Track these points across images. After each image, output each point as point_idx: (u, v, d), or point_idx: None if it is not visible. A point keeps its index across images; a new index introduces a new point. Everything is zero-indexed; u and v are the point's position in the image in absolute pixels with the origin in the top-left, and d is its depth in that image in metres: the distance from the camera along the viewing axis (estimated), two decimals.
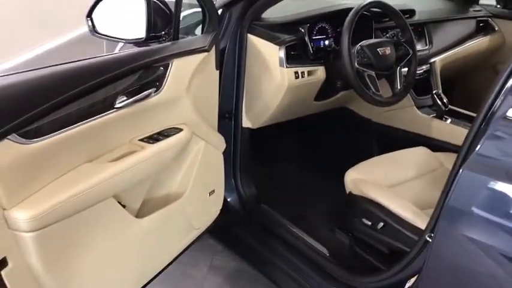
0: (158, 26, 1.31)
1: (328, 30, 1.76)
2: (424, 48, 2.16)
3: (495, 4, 2.65)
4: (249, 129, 1.78)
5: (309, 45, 1.67)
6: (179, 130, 1.29)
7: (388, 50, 1.66)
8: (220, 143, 1.57)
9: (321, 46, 1.73)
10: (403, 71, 1.75)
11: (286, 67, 1.59)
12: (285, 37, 1.62)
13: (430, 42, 2.20)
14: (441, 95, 1.97)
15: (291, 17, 1.74)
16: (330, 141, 2.32)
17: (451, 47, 2.29)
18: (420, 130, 2.01)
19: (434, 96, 1.95)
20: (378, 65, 1.63)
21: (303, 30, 1.68)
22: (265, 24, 1.66)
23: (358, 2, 1.62)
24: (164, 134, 1.27)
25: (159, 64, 1.22)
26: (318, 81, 1.72)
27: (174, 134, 1.27)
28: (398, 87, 1.73)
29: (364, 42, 1.63)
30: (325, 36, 1.75)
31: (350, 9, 1.60)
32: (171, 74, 1.24)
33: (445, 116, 1.97)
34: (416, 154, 1.74)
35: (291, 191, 2.08)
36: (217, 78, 1.50)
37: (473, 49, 2.42)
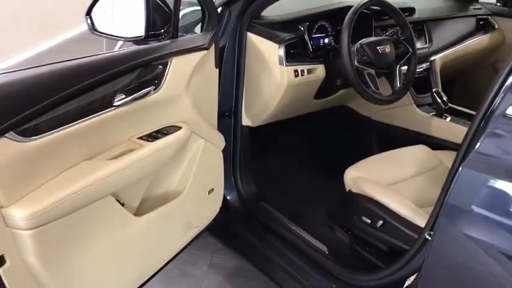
0: (157, 24, 1.30)
1: (328, 29, 1.76)
2: (423, 46, 2.16)
3: (495, 2, 2.65)
4: (249, 128, 1.78)
5: (309, 43, 1.67)
6: (178, 128, 1.29)
7: (387, 48, 1.65)
8: (220, 141, 1.57)
9: (321, 44, 1.72)
10: (403, 69, 1.75)
11: (286, 65, 1.58)
12: (284, 35, 1.61)
13: (430, 40, 2.19)
14: (441, 93, 1.97)
15: (291, 15, 1.74)
16: (329, 139, 2.32)
17: (451, 45, 2.29)
18: (420, 128, 2.01)
19: (434, 94, 1.96)
20: (378, 63, 1.63)
21: (302, 29, 1.67)
22: (265, 22, 1.66)
23: (358, 0, 1.62)
24: (163, 132, 1.26)
25: (158, 62, 1.21)
26: (317, 80, 1.72)
27: (173, 132, 1.27)
28: (398, 86, 1.73)
29: (364, 40, 1.63)
30: (324, 35, 1.74)
31: (350, 7, 1.60)
32: (170, 72, 1.24)
33: (444, 114, 1.98)
34: (416, 152, 1.74)
35: (291, 189, 2.08)
36: (217, 76, 1.49)
37: (473, 47, 2.42)
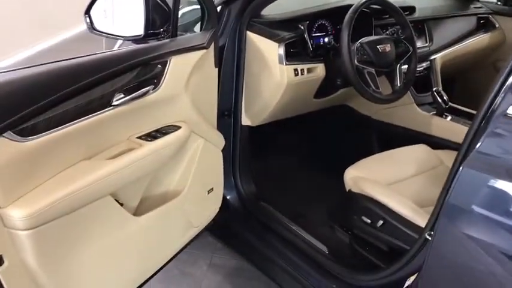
0: (156, 23, 1.30)
1: (328, 28, 1.75)
2: (424, 45, 2.15)
3: (496, 1, 2.64)
4: (249, 127, 1.78)
5: (309, 42, 1.66)
6: (177, 128, 1.29)
7: (388, 47, 1.65)
8: (219, 140, 1.57)
9: (321, 43, 1.72)
10: (403, 68, 1.75)
11: (286, 64, 1.58)
12: (284, 34, 1.61)
13: (431, 39, 2.19)
14: (441, 92, 1.96)
15: (291, 14, 1.73)
16: (329, 138, 2.31)
17: (451, 44, 2.28)
18: (420, 127, 2.01)
19: (435, 93, 1.95)
20: (378, 62, 1.62)
21: (302, 28, 1.67)
22: (265, 21, 1.66)
23: None
24: (162, 131, 1.26)
25: (157, 61, 1.21)
26: (317, 79, 1.71)
27: (172, 131, 1.26)
28: (398, 85, 1.72)
29: (364, 39, 1.63)
30: (324, 34, 1.74)
31: (350, 6, 1.59)
32: (169, 71, 1.23)
33: (445, 113, 1.97)
34: (416, 152, 1.73)
35: (291, 189, 2.07)
36: (216, 75, 1.49)
37: (474, 46, 2.41)
